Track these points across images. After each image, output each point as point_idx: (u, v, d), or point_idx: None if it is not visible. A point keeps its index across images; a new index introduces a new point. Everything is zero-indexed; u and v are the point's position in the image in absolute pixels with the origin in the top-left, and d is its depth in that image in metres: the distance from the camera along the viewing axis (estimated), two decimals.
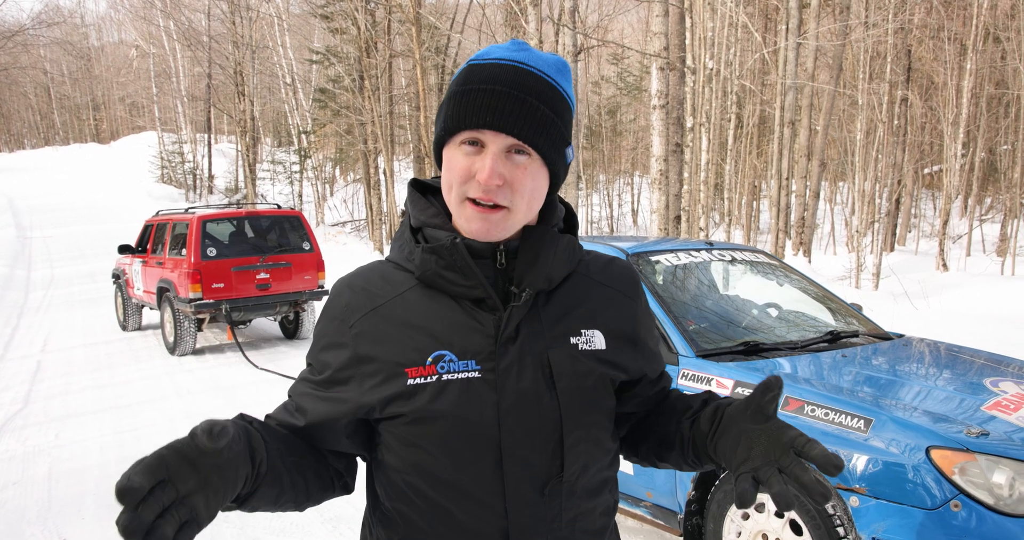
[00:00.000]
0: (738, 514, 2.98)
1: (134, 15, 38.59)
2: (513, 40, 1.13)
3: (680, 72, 12.72)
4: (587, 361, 1.16)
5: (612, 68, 30.33)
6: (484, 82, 1.07)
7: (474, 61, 1.11)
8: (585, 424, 1.15)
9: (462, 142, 1.08)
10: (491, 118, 1.05)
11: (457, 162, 1.08)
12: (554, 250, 1.15)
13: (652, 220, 10.31)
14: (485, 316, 1.11)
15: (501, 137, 1.06)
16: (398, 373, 1.09)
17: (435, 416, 1.08)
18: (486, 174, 1.05)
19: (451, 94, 1.09)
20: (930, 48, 18.32)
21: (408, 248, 1.17)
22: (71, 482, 4.74)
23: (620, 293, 1.25)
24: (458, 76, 1.11)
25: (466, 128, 1.06)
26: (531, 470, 1.10)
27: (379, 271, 1.19)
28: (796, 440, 1.01)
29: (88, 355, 8.95)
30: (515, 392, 1.09)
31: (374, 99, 19.16)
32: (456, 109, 1.07)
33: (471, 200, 1.08)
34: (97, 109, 54.06)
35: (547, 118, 1.08)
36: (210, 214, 9.02)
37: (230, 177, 32.09)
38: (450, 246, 1.09)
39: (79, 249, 19.90)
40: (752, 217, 20.01)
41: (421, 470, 1.11)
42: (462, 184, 1.08)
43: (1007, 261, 13.90)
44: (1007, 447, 2.56)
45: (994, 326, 7.83)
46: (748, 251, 4.59)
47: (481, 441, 1.09)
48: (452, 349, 1.10)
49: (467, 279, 1.10)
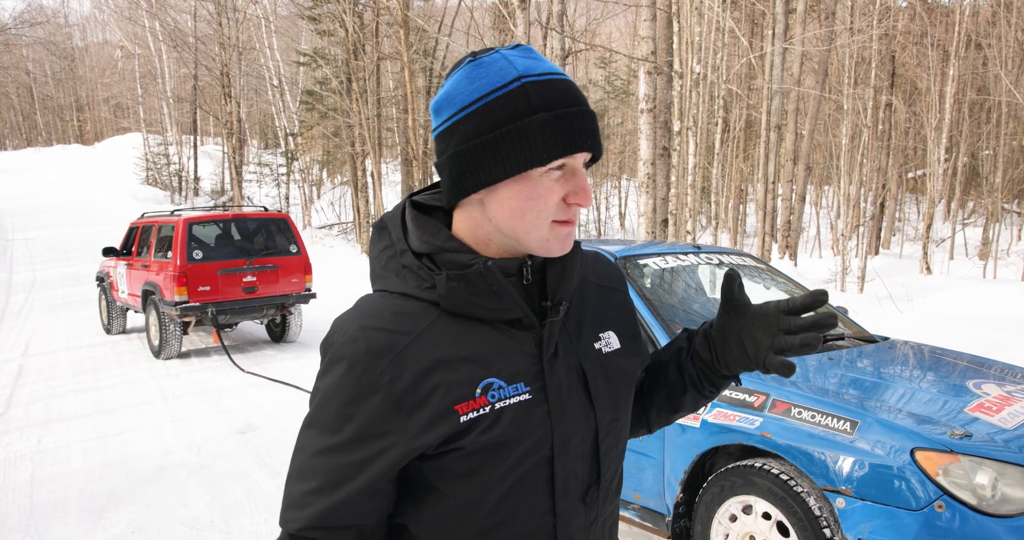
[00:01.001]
0: (726, 516, 3.00)
1: (119, 15, 38.33)
2: (521, 46, 1.07)
3: (667, 76, 12.77)
4: (612, 364, 1.18)
5: (600, 72, 30.40)
6: (569, 104, 1.01)
7: (527, 78, 1.01)
8: (615, 429, 1.17)
9: (551, 168, 1.01)
10: (591, 141, 1.02)
11: (546, 188, 1.02)
12: (576, 259, 1.14)
13: (640, 223, 10.34)
14: (522, 335, 1.08)
15: (586, 156, 1.04)
16: (448, 412, 1.01)
17: (494, 446, 1.04)
18: (588, 194, 1.04)
19: (545, 121, 0.99)
20: (914, 54, 18.51)
21: (419, 276, 1.06)
22: (54, 487, 4.69)
23: (613, 289, 1.27)
24: (515, 96, 1.00)
25: (569, 153, 1.01)
26: (576, 482, 1.11)
27: (388, 307, 1.06)
28: (780, 306, 1.15)
29: (71, 359, 8.87)
30: (567, 408, 1.09)
31: (362, 101, 19.12)
32: (559, 137, 0.99)
33: (559, 221, 1.05)
34: (81, 110, 53.59)
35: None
36: (196, 217, 8.96)
37: (216, 179, 31.91)
38: (484, 271, 1.03)
39: (62, 251, 19.71)
40: (739, 221, 20.10)
41: (472, 499, 1.07)
42: (554, 211, 1.04)
43: (989, 264, 14.05)
44: (990, 448, 2.58)
45: (977, 328, 7.91)
46: (735, 254, 4.62)
47: (536, 461, 1.08)
48: (500, 375, 1.05)
49: (502, 302, 1.05)
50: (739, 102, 18.57)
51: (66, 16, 57.30)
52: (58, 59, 51.71)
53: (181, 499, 4.43)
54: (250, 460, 5.10)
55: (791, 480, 2.76)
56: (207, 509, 4.26)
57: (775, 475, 2.80)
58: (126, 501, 4.42)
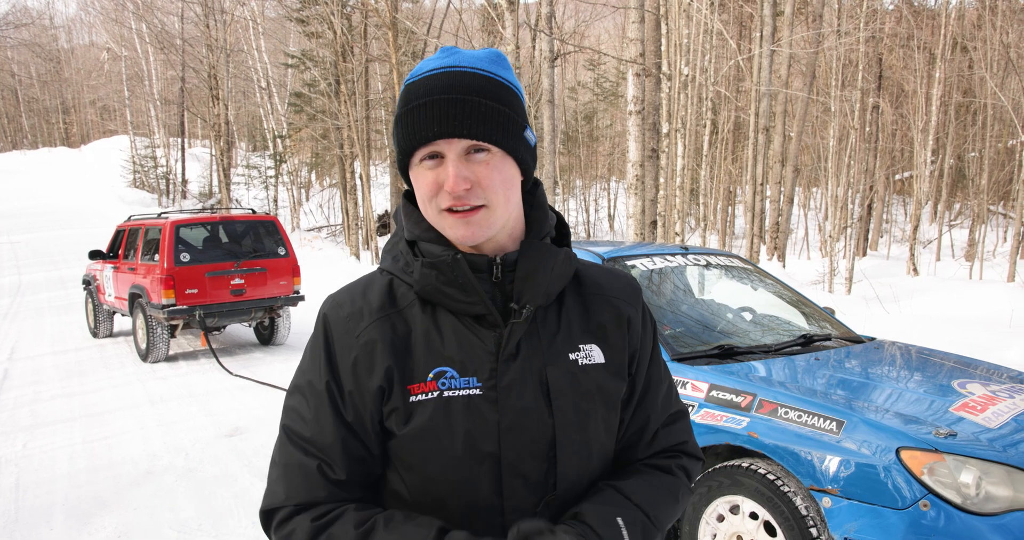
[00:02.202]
0: (713, 516, 3.01)
1: (105, 17, 38.06)
2: (441, 48, 1.14)
3: (656, 78, 12.81)
4: (587, 377, 1.16)
5: (589, 74, 30.50)
6: (421, 96, 1.07)
7: (409, 81, 1.11)
8: (580, 442, 1.14)
9: (422, 159, 1.08)
10: (438, 127, 1.05)
11: (423, 179, 1.09)
12: (552, 264, 1.15)
13: (628, 225, 10.36)
14: (486, 333, 1.11)
15: (455, 142, 1.06)
16: (402, 388, 1.09)
17: (436, 433, 1.08)
18: (451, 182, 1.05)
19: (396, 118, 1.10)
20: (900, 57, 18.64)
21: (405, 260, 1.16)
22: (39, 493, 4.65)
23: (619, 301, 1.24)
24: (399, 100, 1.11)
25: (419, 145, 1.07)
26: (528, 486, 1.11)
27: (376, 284, 1.17)
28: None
29: (57, 363, 8.80)
30: (515, 410, 1.10)
31: (350, 103, 19.08)
32: (404, 130, 1.08)
33: (447, 210, 1.08)
34: (67, 112, 53.22)
35: (492, 110, 1.07)
36: (183, 219, 8.92)
37: (204, 182, 31.75)
38: (451, 261, 1.09)
39: (48, 255, 19.56)
40: (727, 222, 20.19)
41: (419, 488, 1.11)
42: (433, 198, 1.08)
43: (975, 265, 14.15)
44: (974, 447, 2.60)
45: (962, 329, 7.96)
46: (722, 256, 4.63)
47: (481, 458, 1.09)
48: (454, 365, 1.09)
49: (467, 295, 1.10)
50: (727, 104, 18.66)
51: (51, 18, 56.97)
52: (44, 61, 51.32)
53: (168, 503, 4.40)
54: (238, 463, 5.08)
55: (778, 480, 2.77)
56: (194, 513, 4.24)
57: (762, 475, 2.81)
58: (112, 506, 4.39)
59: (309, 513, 1.07)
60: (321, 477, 1.09)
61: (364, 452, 1.12)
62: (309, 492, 1.09)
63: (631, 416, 1.24)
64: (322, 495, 1.09)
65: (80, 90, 51.13)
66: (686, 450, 1.29)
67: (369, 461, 1.13)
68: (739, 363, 3.34)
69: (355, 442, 1.11)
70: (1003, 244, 18.66)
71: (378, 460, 1.14)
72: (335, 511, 1.08)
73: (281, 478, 1.11)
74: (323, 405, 1.11)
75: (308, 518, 1.07)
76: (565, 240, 1.25)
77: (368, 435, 1.11)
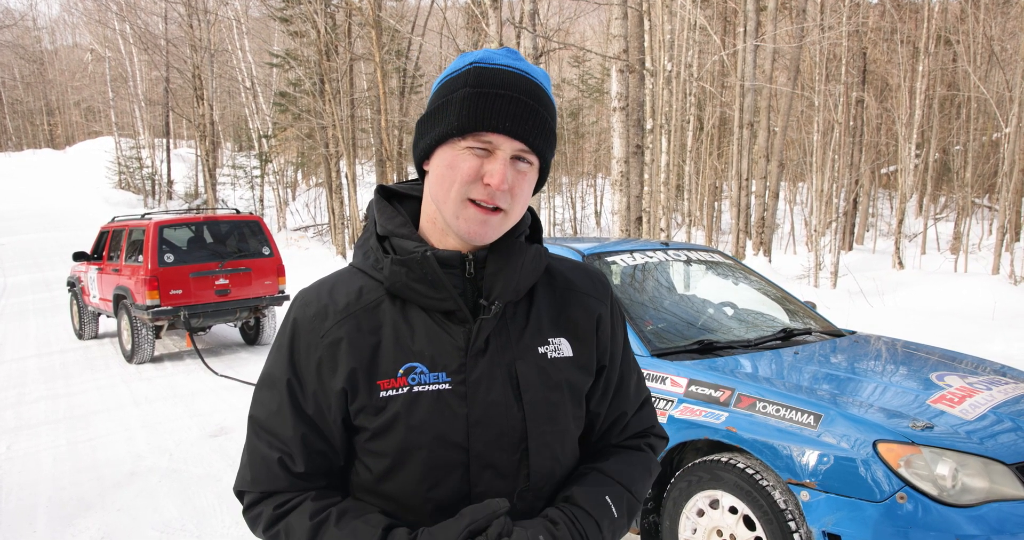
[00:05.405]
0: (693, 511, 3.02)
1: (88, 18, 37.71)
2: (507, 48, 1.14)
3: (640, 74, 12.83)
4: (555, 370, 1.18)
5: (573, 71, 30.50)
6: (500, 87, 1.07)
7: (479, 64, 1.10)
8: (551, 433, 1.17)
9: (470, 145, 1.07)
10: (511, 124, 1.06)
11: (464, 162, 1.07)
12: (522, 261, 1.16)
13: (614, 221, 10.37)
14: (455, 328, 1.13)
15: (513, 143, 1.07)
16: (371, 384, 1.10)
17: (406, 428, 1.09)
18: (498, 179, 1.06)
19: (466, 95, 1.07)
20: (884, 51, 18.74)
21: (375, 257, 1.16)
22: (23, 495, 4.62)
23: (586, 295, 1.26)
24: (460, 76, 1.10)
25: (484, 130, 1.06)
26: (500, 479, 1.13)
27: (346, 280, 1.17)
28: None
29: (42, 365, 8.74)
30: (484, 404, 1.11)
31: (335, 103, 19.01)
32: (473, 110, 1.06)
33: (471, 201, 1.08)
34: (51, 114, 52.78)
35: (550, 129, 1.10)
36: (167, 220, 8.88)
37: (190, 182, 31.61)
38: (421, 259, 1.10)
39: (33, 257, 19.42)
40: (713, 218, 20.24)
41: (390, 482, 1.13)
42: (466, 184, 1.07)
43: (960, 258, 14.26)
44: (951, 439, 2.62)
45: (946, 322, 8.01)
46: (704, 251, 4.64)
47: (450, 452, 1.10)
48: (423, 361, 1.11)
49: (437, 291, 1.11)
50: (712, 100, 18.71)
51: (35, 19, 56.41)
52: (27, 62, 50.90)
53: (152, 504, 4.38)
54: (222, 463, 5.06)
55: (757, 474, 2.78)
56: (178, 513, 4.22)
57: (741, 469, 2.82)
58: (96, 507, 4.37)
59: (272, 500, 1.13)
60: (282, 469, 1.13)
61: (325, 446, 1.15)
62: (271, 482, 1.14)
63: (607, 408, 1.29)
64: (283, 485, 1.14)
65: (64, 91, 50.74)
66: (654, 432, 1.37)
67: (331, 454, 1.16)
68: (719, 358, 3.35)
69: (315, 437, 1.14)
70: (988, 237, 18.80)
71: (341, 453, 1.16)
72: (294, 500, 1.12)
73: (248, 465, 1.17)
74: (284, 401, 1.14)
75: (271, 506, 1.12)
76: (537, 236, 1.26)
77: (330, 430, 1.14)
